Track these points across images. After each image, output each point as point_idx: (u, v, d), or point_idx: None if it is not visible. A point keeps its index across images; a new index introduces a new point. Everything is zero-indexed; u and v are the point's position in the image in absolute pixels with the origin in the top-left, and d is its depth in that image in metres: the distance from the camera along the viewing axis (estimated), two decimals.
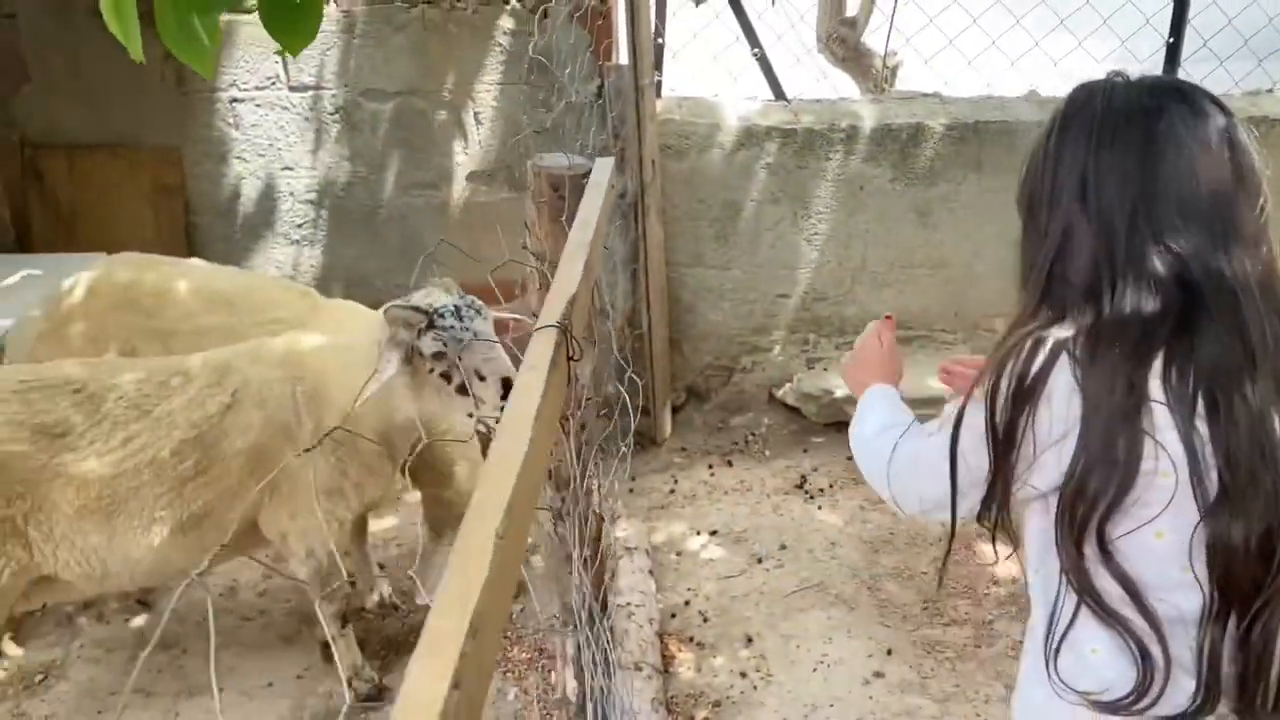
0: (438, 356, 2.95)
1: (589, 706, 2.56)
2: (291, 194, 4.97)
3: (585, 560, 2.39)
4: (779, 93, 5.01)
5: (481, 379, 2.95)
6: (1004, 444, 1.50)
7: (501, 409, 2.92)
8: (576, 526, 2.31)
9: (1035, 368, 1.46)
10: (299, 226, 5.04)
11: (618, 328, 4.95)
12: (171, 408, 3.00)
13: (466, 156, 4.93)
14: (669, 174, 4.81)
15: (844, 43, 6.60)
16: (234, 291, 3.64)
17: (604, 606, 2.57)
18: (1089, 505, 1.46)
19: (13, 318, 3.82)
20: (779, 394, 5.13)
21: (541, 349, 1.37)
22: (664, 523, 4.59)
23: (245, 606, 4.20)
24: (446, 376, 2.98)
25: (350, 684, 3.64)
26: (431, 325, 2.94)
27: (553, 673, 3.90)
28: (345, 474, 3.21)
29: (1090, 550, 1.50)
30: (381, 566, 4.26)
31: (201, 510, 3.04)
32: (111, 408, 2.95)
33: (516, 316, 3.29)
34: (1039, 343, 1.47)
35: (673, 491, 4.84)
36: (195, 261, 3.85)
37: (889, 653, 3.74)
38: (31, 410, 2.84)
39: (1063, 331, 1.48)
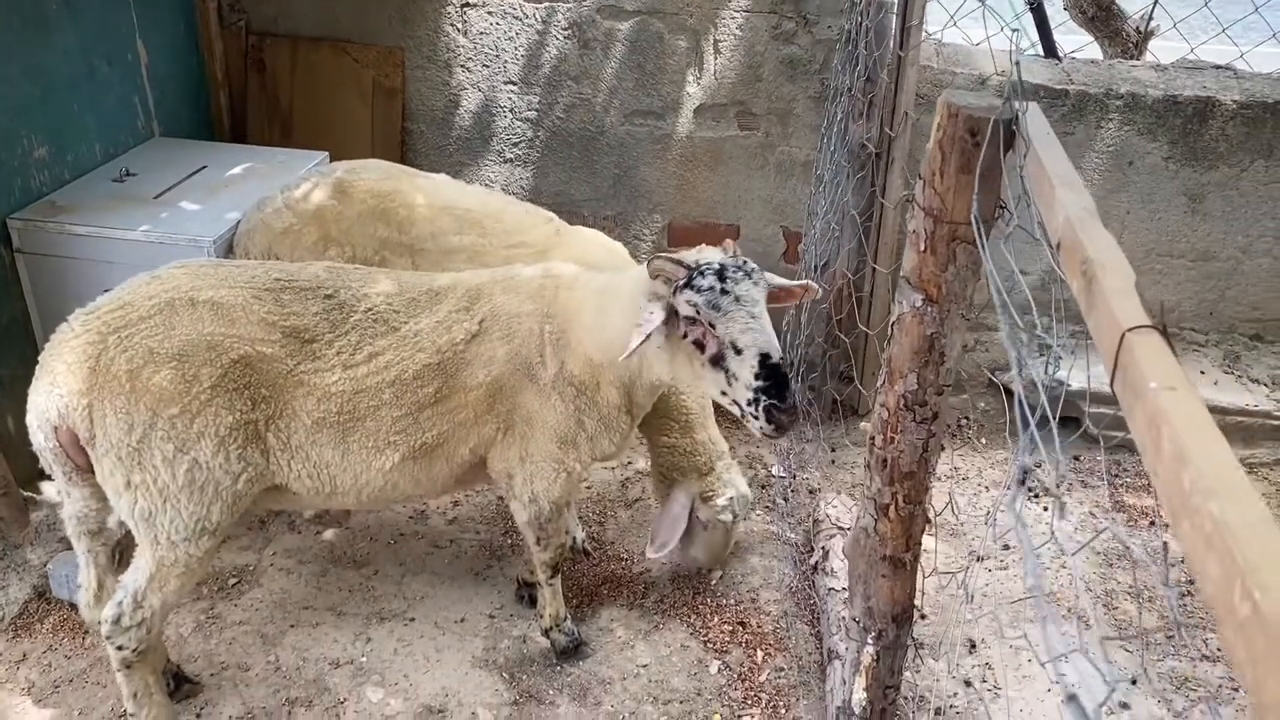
0: (691, 321, 2.59)
1: None
2: (512, 110, 4.73)
3: (907, 564, 2.10)
4: (1050, 48, 4.52)
5: (738, 352, 2.57)
6: None
7: (756, 389, 2.53)
8: (905, 526, 2.02)
9: None
10: (514, 145, 4.80)
11: (837, 288, 4.60)
12: (419, 328, 2.80)
13: (698, 87, 4.60)
14: (917, 126, 4.39)
15: (1096, 0, 6.02)
16: (484, 213, 3.42)
17: (908, 615, 2.27)
18: None
19: (240, 211, 3.67)
20: (1002, 379, 4.72)
21: (1163, 362, 1.04)
22: None
23: (435, 533, 4.06)
24: (700, 345, 2.62)
25: (549, 634, 3.45)
26: (690, 283, 2.59)
27: (758, 650, 3.65)
28: (581, 425, 2.96)
29: None
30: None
31: (434, 440, 2.85)
32: (360, 319, 2.76)
33: (802, 284, 2.92)
34: None
35: None
36: (441, 178, 3.64)
37: (1133, 682, 3.38)
38: (284, 311, 2.67)
39: None
